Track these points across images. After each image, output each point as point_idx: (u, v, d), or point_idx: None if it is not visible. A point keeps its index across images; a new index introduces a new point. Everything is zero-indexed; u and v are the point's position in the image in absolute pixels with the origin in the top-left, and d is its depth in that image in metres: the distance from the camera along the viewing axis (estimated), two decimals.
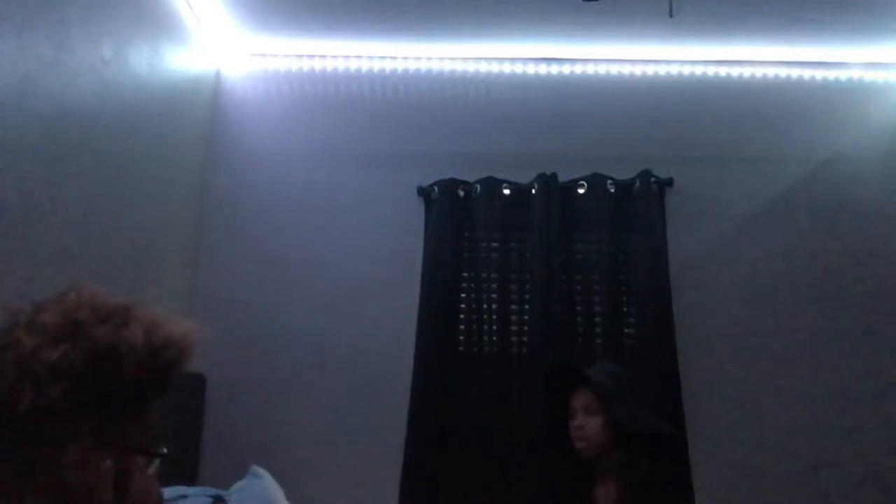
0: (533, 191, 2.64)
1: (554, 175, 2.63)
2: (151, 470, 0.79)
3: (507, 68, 2.82)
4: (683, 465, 2.32)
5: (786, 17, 2.54)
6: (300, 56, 2.83)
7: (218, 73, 2.83)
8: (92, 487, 0.72)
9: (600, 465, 1.90)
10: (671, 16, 2.13)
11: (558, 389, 1.99)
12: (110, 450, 0.74)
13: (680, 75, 2.80)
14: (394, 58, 2.82)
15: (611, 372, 1.94)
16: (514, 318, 2.57)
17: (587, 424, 1.87)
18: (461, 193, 2.67)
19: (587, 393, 1.90)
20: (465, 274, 2.63)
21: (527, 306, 2.56)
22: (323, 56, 2.83)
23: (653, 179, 2.62)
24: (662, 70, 2.80)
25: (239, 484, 1.93)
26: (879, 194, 2.67)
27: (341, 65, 2.83)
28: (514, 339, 2.56)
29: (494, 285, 2.58)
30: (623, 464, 1.84)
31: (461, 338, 2.57)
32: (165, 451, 0.81)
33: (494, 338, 2.54)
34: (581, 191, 2.65)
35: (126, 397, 0.76)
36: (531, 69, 2.82)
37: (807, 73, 2.79)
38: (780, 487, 2.43)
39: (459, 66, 2.82)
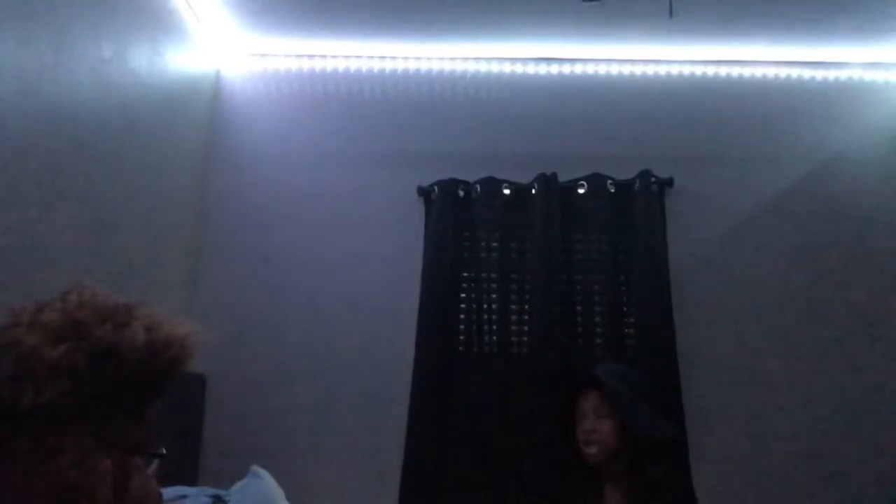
0: (533, 191, 2.64)
1: (554, 175, 2.63)
2: (151, 470, 0.79)
3: (507, 68, 2.82)
4: (686, 468, 2.31)
5: (786, 17, 2.54)
6: (300, 56, 2.83)
7: (218, 73, 2.83)
8: (91, 487, 0.72)
9: (607, 468, 1.88)
10: (671, 16, 2.13)
11: (564, 391, 1.97)
12: (109, 450, 0.74)
13: (680, 75, 2.80)
14: (394, 58, 2.82)
15: (618, 373, 1.92)
16: (514, 318, 2.57)
17: (599, 428, 1.85)
18: (461, 193, 2.66)
19: (597, 395, 1.88)
20: (465, 274, 2.62)
21: (527, 306, 2.56)
22: (323, 56, 2.83)
23: (653, 179, 2.62)
24: (662, 70, 2.80)
25: (239, 484, 1.93)
26: (879, 194, 2.67)
27: (341, 65, 2.83)
28: (514, 339, 2.56)
29: (494, 285, 2.58)
30: (631, 468, 1.83)
31: (461, 338, 2.57)
32: (164, 451, 0.80)
33: (494, 338, 2.53)
34: (581, 191, 2.65)
35: (126, 397, 0.76)
36: (531, 69, 2.82)
37: (807, 73, 2.79)
38: (780, 488, 2.43)
39: (459, 66, 2.82)
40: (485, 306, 2.57)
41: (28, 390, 0.69)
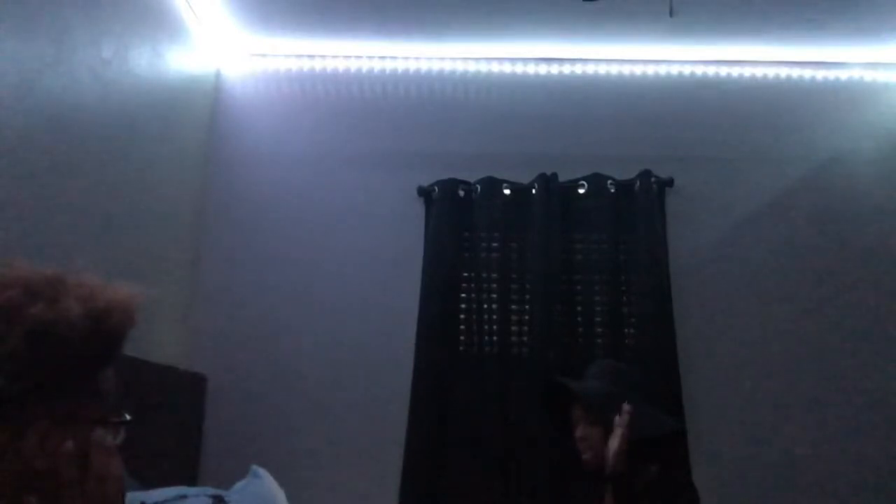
0: (533, 191, 2.64)
1: (554, 175, 2.63)
2: (119, 440, 0.77)
3: (507, 68, 2.82)
4: (685, 463, 2.31)
5: (786, 17, 2.54)
6: (300, 56, 2.83)
7: (218, 73, 2.83)
8: (57, 469, 0.70)
9: (609, 471, 1.88)
10: (671, 16, 2.13)
11: (559, 402, 1.98)
12: (69, 427, 0.72)
13: (680, 75, 2.80)
14: (394, 58, 2.82)
15: (608, 372, 1.92)
16: (514, 318, 2.57)
17: (589, 435, 1.86)
18: (461, 193, 2.66)
19: (581, 405, 1.89)
20: (465, 274, 2.62)
21: (527, 306, 2.56)
22: (323, 56, 2.83)
23: (653, 179, 2.62)
24: (662, 70, 2.80)
25: (239, 484, 1.93)
26: (879, 194, 2.67)
27: (341, 65, 2.83)
28: (514, 339, 2.56)
29: (494, 285, 2.58)
30: (630, 469, 1.83)
31: (461, 338, 2.57)
32: (128, 417, 0.78)
33: (494, 338, 2.53)
34: (581, 191, 2.65)
35: (75, 372, 0.74)
36: (531, 69, 2.82)
37: (807, 73, 2.79)
38: (781, 488, 2.43)
39: (459, 66, 2.82)
40: (485, 306, 2.57)
41: None
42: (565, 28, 2.64)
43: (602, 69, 2.81)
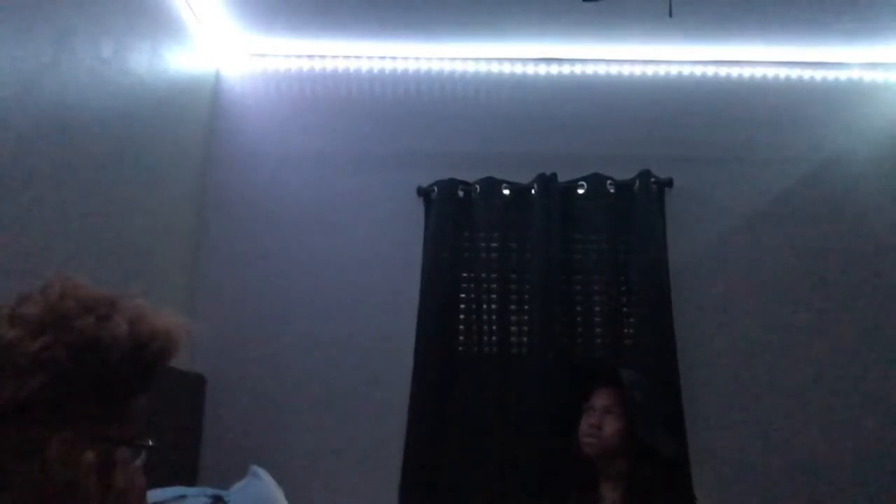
0: (533, 191, 2.64)
1: (554, 175, 2.62)
2: (139, 462, 0.78)
3: (507, 68, 2.82)
4: (685, 469, 2.31)
5: (786, 17, 2.54)
6: (300, 56, 2.83)
7: (218, 73, 2.83)
8: (75, 480, 0.71)
9: (604, 468, 1.89)
10: (671, 16, 2.13)
11: (582, 383, 2.00)
12: (93, 442, 0.73)
13: (680, 75, 2.80)
14: (394, 58, 2.82)
15: (635, 380, 1.94)
16: (514, 318, 2.57)
17: (604, 426, 1.87)
18: (461, 193, 2.66)
19: (611, 395, 1.90)
20: (465, 274, 2.62)
21: (527, 306, 2.56)
22: (323, 56, 2.83)
23: (653, 179, 2.62)
24: (662, 70, 2.80)
25: (239, 484, 1.93)
26: (879, 194, 2.67)
27: (341, 65, 2.83)
28: (514, 339, 2.55)
29: (494, 285, 2.58)
30: (629, 469, 1.84)
31: (461, 338, 2.57)
32: (151, 443, 0.79)
33: (494, 338, 2.53)
34: (581, 191, 2.65)
35: (110, 390, 0.75)
36: (531, 69, 2.82)
37: (807, 73, 2.79)
38: (781, 488, 2.43)
39: (459, 66, 2.82)
40: (485, 306, 2.57)
41: (8, 385, 0.68)
42: (565, 28, 2.64)
43: (602, 69, 2.81)
